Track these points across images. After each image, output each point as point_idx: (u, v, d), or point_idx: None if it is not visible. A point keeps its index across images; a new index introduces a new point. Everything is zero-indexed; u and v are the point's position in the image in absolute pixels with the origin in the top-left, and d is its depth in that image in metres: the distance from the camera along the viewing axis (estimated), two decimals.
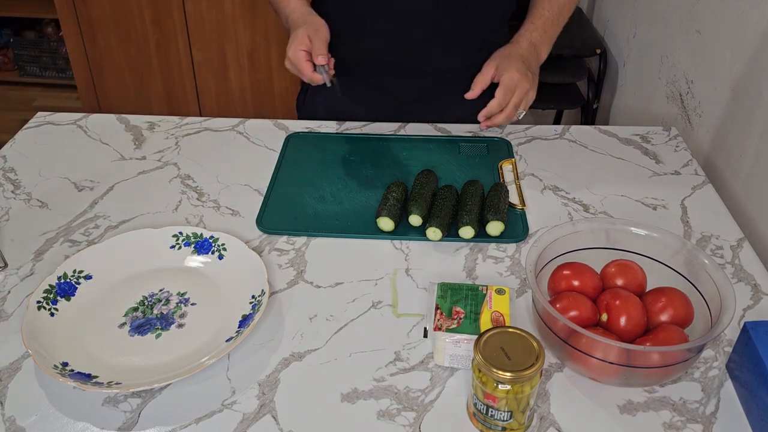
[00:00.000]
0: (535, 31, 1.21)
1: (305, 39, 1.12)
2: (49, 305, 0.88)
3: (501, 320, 0.82)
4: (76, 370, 0.81)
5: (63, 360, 0.82)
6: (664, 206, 1.11)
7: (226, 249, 0.98)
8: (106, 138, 1.30)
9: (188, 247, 0.99)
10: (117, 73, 2.80)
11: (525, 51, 1.19)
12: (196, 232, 1.00)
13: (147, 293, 0.94)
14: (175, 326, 0.89)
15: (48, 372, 0.78)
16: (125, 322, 0.90)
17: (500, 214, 1.02)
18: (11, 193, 1.15)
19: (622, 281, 0.87)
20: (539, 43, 1.21)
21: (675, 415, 0.78)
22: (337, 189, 1.15)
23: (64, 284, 0.91)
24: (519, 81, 1.14)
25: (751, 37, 1.23)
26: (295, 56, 1.12)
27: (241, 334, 0.84)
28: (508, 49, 1.19)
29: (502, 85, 1.14)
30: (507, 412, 0.73)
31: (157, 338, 0.87)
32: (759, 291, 0.95)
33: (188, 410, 0.78)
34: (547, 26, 1.22)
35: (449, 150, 1.25)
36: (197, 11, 2.62)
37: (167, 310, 0.91)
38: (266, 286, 0.90)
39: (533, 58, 1.20)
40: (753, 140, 1.19)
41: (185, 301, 0.93)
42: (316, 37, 1.13)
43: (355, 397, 0.80)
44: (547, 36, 1.22)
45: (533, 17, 1.22)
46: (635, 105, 1.91)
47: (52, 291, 0.90)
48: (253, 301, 0.90)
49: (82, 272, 0.94)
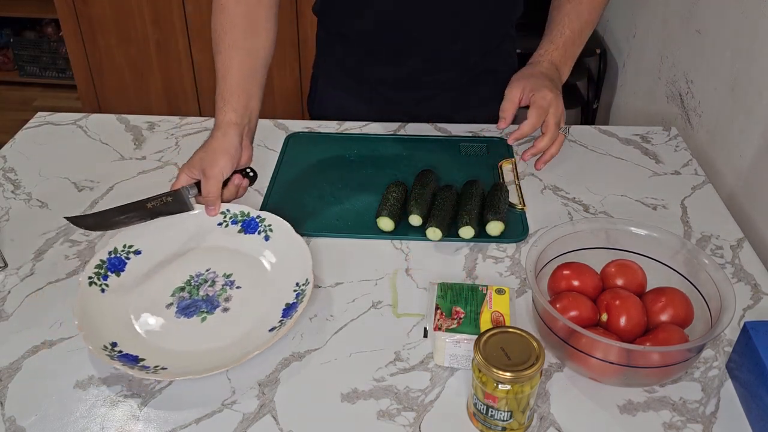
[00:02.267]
0: (555, 51, 1.14)
1: (195, 170, 0.99)
2: (100, 281, 0.89)
3: (501, 320, 0.82)
4: (125, 351, 0.82)
5: (112, 340, 0.83)
6: (664, 206, 1.11)
7: (272, 230, 0.98)
8: (106, 138, 1.30)
9: (235, 225, 1.00)
10: (117, 73, 2.80)
11: (547, 71, 1.12)
12: (243, 210, 1.00)
13: (194, 272, 0.95)
14: (220, 310, 0.90)
15: (96, 353, 0.79)
16: (172, 302, 0.91)
17: (500, 214, 1.02)
18: (11, 193, 1.15)
19: (622, 281, 0.87)
20: (560, 63, 1.14)
21: (675, 415, 0.78)
22: (337, 189, 1.15)
23: (115, 259, 0.92)
24: (552, 100, 1.07)
25: (751, 37, 1.23)
26: (180, 173, 1.00)
27: (284, 325, 0.85)
28: (530, 70, 1.13)
29: (535, 106, 1.07)
30: (507, 412, 0.73)
31: (203, 322, 0.88)
32: (759, 291, 0.95)
33: (188, 410, 0.78)
34: (568, 45, 1.14)
35: (449, 150, 1.25)
36: (197, 11, 2.62)
37: (213, 292, 0.92)
38: (311, 275, 0.90)
39: (556, 78, 1.13)
40: (753, 140, 1.19)
41: (230, 283, 0.94)
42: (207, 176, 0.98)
43: (355, 397, 0.80)
44: (568, 55, 1.15)
45: (553, 36, 1.15)
46: (635, 105, 1.91)
47: (102, 266, 0.91)
48: (297, 290, 0.90)
49: (132, 247, 0.95)
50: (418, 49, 1.24)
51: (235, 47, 1.04)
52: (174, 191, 0.99)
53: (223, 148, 0.99)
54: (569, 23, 1.15)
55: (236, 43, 1.04)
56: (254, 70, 1.06)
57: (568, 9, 1.16)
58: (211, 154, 0.99)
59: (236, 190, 1.03)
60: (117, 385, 0.81)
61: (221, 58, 1.04)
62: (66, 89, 3.38)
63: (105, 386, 0.81)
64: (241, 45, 1.05)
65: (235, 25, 1.05)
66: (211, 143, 1.00)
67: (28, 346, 0.86)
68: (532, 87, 1.08)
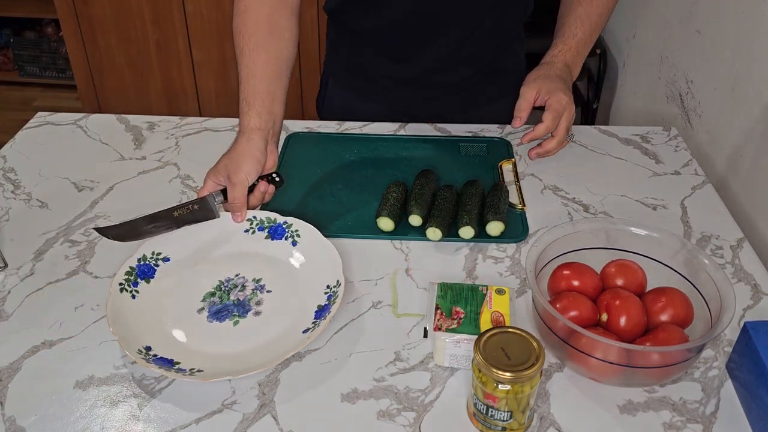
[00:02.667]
0: (568, 52, 1.17)
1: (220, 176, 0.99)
2: (130, 287, 0.90)
3: (501, 320, 0.82)
4: (159, 355, 0.82)
5: (146, 344, 0.83)
6: (664, 206, 1.11)
7: (300, 236, 0.99)
8: (106, 138, 1.30)
9: (262, 232, 1.00)
10: (117, 73, 2.80)
11: (561, 72, 1.15)
12: (270, 216, 1.01)
13: (223, 278, 0.95)
14: (252, 314, 0.90)
15: (132, 356, 0.79)
16: (203, 307, 0.91)
17: (500, 214, 1.02)
18: (11, 193, 1.15)
19: (622, 281, 0.87)
20: (572, 64, 1.18)
21: (675, 415, 0.78)
22: (337, 189, 1.15)
23: (144, 266, 0.92)
24: (567, 104, 1.10)
25: (751, 37, 1.23)
26: (206, 179, 1.01)
27: (318, 326, 0.85)
28: (545, 71, 1.15)
29: (551, 109, 1.10)
30: (507, 412, 0.73)
31: (235, 325, 0.89)
32: (759, 291, 0.95)
33: (188, 410, 0.78)
34: (580, 47, 1.18)
35: (449, 150, 1.25)
36: (197, 11, 2.62)
37: (243, 296, 0.93)
38: (341, 276, 0.90)
39: (569, 79, 1.16)
40: (753, 140, 1.19)
41: (261, 288, 0.94)
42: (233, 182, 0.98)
43: (355, 397, 0.80)
44: (579, 56, 1.18)
45: (566, 37, 1.18)
46: (635, 105, 1.91)
47: (132, 273, 0.91)
48: (329, 292, 0.90)
49: (160, 254, 0.95)
50: (429, 49, 1.24)
51: (259, 49, 1.03)
52: (200, 199, 0.98)
53: (248, 153, 0.98)
54: (581, 25, 1.18)
55: (260, 45, 1.03)
56: (278, 72, 1.05)
57: (580, 12, 1.18)
58: (235, 160, 0.98)
59: (262, 196, 1.03)
60: (117, 385, 0.81)
61: (245, 60, 1.03)
62: (66, 89, 3.38)
63: (105, 386, 0.81)
64: (265, 47, 1.04)
65: (259, 27, 1.04)
66: (236, 148, 1.00)
67: (28, 346, 0.86)
68: (548, 89, 1.11)
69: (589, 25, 1.18)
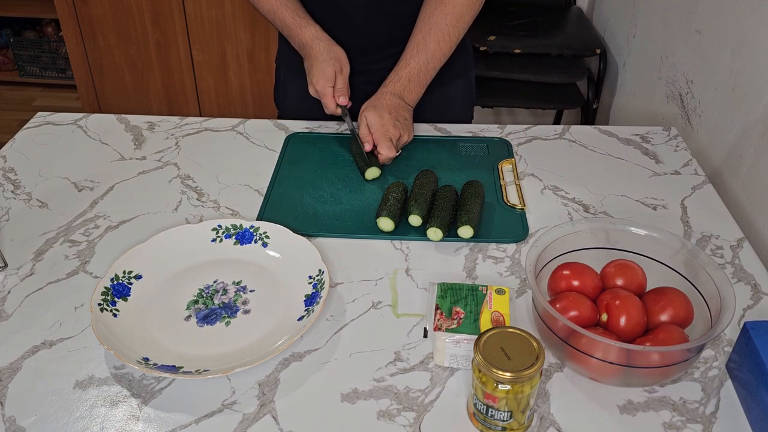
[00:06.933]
0: (398, 82, 1.22)
1: (332, 76, 1.21)
2: (109, 306, 0.89)
3: (501, 320, 0.82)
4: (160, 363, 0.82)
5: (143, 356, 0.83)
6: (664, 206, 1.11)
7: (269, 237, 1.00)
8: (106, 138, 1.30)
9: (229, 239, 1.01)
10: (117, 73, 2.80)
11: (390, 101, 1.20)
12: (235, 223, 1.01)
13: (203, 285, 0.95)
14: (242, 313, 0.91)
15: (133, 365, 0.79)
16: (190, 314, 0.91)
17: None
18: (11, 193, 1.15)
19: (622, 281, 0.87)
20: (403, 91, 1.22)
21: (675, 415, 0.78)
22: (337, 189, 1.15)
23: (118, 285, 0.92)
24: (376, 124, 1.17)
25: (751, 37, 1.23)
26: (323, 92, 1.21)
27: (313, 311, 0.86)
28: (373, 101, 1.21)
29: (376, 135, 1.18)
30: (507, 412, 0.73)
31: (228, 326, 0.89)
32: (759, 291, 0.95)
33: (188, 410, 0.78)
34: (412, 76, 1.22)
35: (449, 150, 1.25)
36: (197, 11, 2.62)
37: (228, 299, 0.93)
38: (322, 265, 0.92)
39: (401, 107, 1.21)
40: (753, 140, 1.19)
41: (243, 289, 0.94)
42: (341, 75, 1.22)
43: (355, 397, 0.80)
44: (412, 84, 1.22)
45: (399, 67, 1.23)
46: (635, 105, 1.91)
47: (108, 293, 0.91)
48: (313, 281, 0.91)
49: (132, 272, 0.94)
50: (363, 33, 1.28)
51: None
52: (344, 109, 1.22)
53: (339, 53, 1.22)
54: (416, 54, 1.22)
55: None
56: None
57: (418, 39, 1.22)
58: (325, 61, 1.20)
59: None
60: (117, 385, 0.81)
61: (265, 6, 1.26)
62: (66, 89, 3.38)
63: (105, 386, 0.81)
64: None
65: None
66: (317, 57, 1.21)
67: (28, 346, 0.87)
68: (372, 122, 1.18)
69: (425, 54, 1.22)
